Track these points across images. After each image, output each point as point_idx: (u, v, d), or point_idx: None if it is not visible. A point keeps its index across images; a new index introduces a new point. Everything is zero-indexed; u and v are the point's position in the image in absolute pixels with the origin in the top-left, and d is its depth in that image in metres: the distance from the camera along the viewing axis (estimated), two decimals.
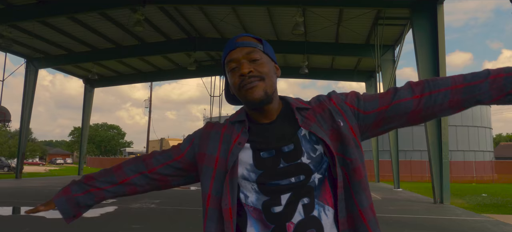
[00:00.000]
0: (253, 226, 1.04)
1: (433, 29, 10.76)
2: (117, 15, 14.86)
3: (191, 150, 1.19)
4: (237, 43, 1.11)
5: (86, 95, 24.07)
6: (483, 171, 29.42)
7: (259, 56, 1.10)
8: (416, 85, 1.12)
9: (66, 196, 1.26)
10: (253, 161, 1.07)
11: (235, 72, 1.10)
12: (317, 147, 1.07)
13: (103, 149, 74.56)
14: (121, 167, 1.26)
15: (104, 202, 10.22)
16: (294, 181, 1.04)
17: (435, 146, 10.97)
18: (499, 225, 7.62)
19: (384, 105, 1.12)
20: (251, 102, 1.09)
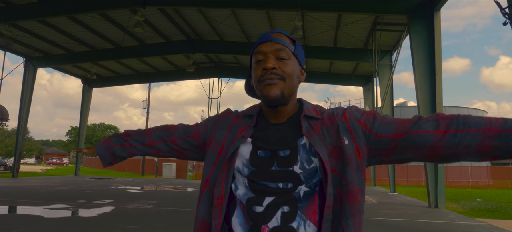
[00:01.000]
0: (238, 216, 1.05)
1: (429, 35, 10.89)
2: (117, 16, 14.93)
3: (205, 132, 1.25)
4: (270, 37, 1.11)
5: (84, 95, 24.09)
6: (479, 176, 29.56)
7: (287, 56, 1.09)
8: (444, 118, 1.01)
9: (106, 145, 1.42)
10: (249, 157, 1.08)
11: (259, 64, 1.10)
12: (313, 160, 1.03)
13: None
14: (151, 132, 1.37)
15: (101, 202, 10.26)
16: (281, 187, 1.02)
17: None
18: (492, 230, 7.72)
19: (399, 132, 1.03)
20: (266, 98, 1.08)
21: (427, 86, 10.89)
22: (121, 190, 14.81)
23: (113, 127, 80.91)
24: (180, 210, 9.50)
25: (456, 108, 35.48)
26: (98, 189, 14.70)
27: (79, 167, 25.08)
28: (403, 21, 13.20)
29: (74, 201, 10.27)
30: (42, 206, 9.05)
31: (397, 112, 32.85)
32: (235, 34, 16.49)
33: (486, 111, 38.63)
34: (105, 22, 15.40)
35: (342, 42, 16.10)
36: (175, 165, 30.09)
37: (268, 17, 14.31)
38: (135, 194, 13.36)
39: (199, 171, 31.00)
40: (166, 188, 17.04)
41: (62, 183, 17.35)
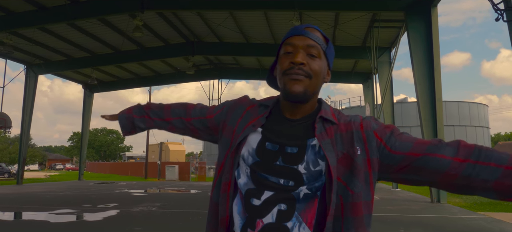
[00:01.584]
0: (237, 205, 1.04)
1: (427, 31, 10.95)
2: (116, 20, 15.03)
3: (219, 115, 1.25)
4: (304, 31, 1.08)
5: (86, 101, 24.20)
6: None
7: (317, 54, 1.07)
8: (465, 146, 0.98)
9: (128, 115, 1.46)
10: (256, 147, 1.06)
11: (288, 56, 1.07)
12: (320, 163, 1.00)
13: (102, 154, 74.60)
14: (170, 108, 1.40)
15: (106, 206, 10.36)
16: (282, 183, 1.00)
17: None
18: (493, 223, 7.79)
19: (416, 152, 1.00)
20: (287, 93, 1.06)
21: (426, 82, 10.96)
22: (125, 193, 14.90)
23: (115, 132, 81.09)
24: (184, 211, 9.58)
25: (456, 102, 35.49)
26: (102, 193, 14.81)
27: (83, 172, 25.19)
28: (400, 18, 13.27)
29: (80, 206, 10.38)
30: (48, 211, 9.15)
31: (398, 108, 32.89)
32: (233, 35, 16.57)
33: (487, 105, 38.62)
34: (104, 28, 15.51)
35: (341, 40, 16.17)
36: (177, 167, 30.20)
37: (266, 18, 14.40)
38: (139, 197, 13.46)
39: (202, 173, 31.11)
40: (169, 190, 17.14)
41: (67, 188, 17.46)
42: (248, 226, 0.99)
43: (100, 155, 74.15)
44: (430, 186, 1.04)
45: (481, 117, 36.83)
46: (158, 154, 35.51)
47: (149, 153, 38.67)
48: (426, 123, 11.10)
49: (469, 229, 7.13)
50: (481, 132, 36.42)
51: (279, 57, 1.11)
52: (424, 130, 11.13)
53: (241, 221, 1.01)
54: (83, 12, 13.46)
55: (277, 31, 15.64)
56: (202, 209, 10.03)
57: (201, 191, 17.06)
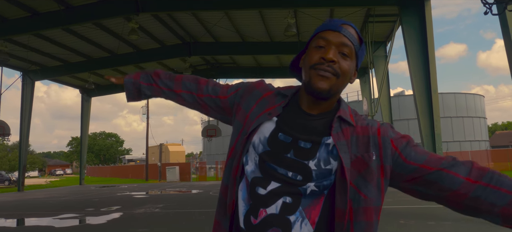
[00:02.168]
0: (242, 190, 1.04)
1: (421, 25, 11.05)
2: (112, 24, 15.08)
3: (233, 97, 1.23)
4: (341, 28, 1.04)
5: (84, 105, 24.25)
6: (479, 160, 29.78)
7: (349, 53, 1.04)
8: (478, 168, 0.99)
9: (134, 80, 1.41)
10: (268, 136, 1.05)
11: (319, 50, 1.04)
12: (332, 162, 0.99)
13: (102, 158, 74.59)
14: (181, 80, 1.36)
15: (109, 209, 10.43)
16: (290, 176, 0.99)
17: (429, 138, 11.25)
18: None
19: (430, 165, 1.00)
20: (311, 87, 1.03)
21: (421, 74, 11.07)
22: (127, 196, 14.99)
23: (114, 135, 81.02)
24: (187, 211, 9.68)
25: (453, 94, 35.68)
26: (105, 196, 14.89)
27: (83, 176, 25.25)
28: (395, 12, 13.37)
29: (83, 210, 10.46)
30: (52, 217, 9.24)
31: (395, 102, 33.04)
32: (229, 35, 16.63)
33: (483, 95, 38.90)
34: (100, 31, 15.54)
35: None
36: (178, 168, 30.28)
37: (261, 16, 14.47)
38: (141, 199, 13.54)
39: (202, 173, 31.21)
40: (171, 191, 17.23)
41: (68, 193, 17.53)
42: (251, 213, 1.00)
43: (100, 159, 74.11)
44: (437, 201, 1.04)
45: (478, 108, 37.04)
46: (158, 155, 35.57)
47: (149, 155, 38.71)
48: (422, 115, 11.22)
49: (467, 217, 7.25)
50: (478, 122, 36.64)
51: (309, 49, 1.08)
52: (421, 123, 11.24)
53: (245, 208, 1.01)
54: (77, 17, 13.50)
55: (273, 29, 15.71)
56: (205, 209, 10.13)
57: (203, 191, 17.16)
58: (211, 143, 36.54)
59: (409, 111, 33.45)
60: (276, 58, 19.76)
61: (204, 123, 46.17)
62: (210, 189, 17.92)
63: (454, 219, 7.05)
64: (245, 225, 1.00)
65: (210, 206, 10.76)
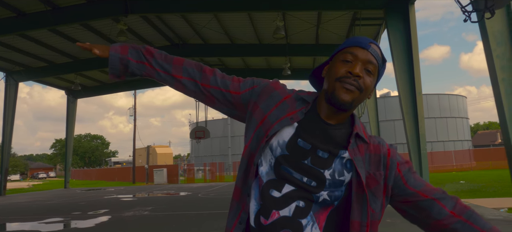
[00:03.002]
0: (255, 189, 1.08)
1: (406, 28, 11.33)
2: (100, 25, 14.98)
3: (248, 94, 1.21)
4: (369, 47, 1.09)
5: (69, 106, 23.94)
6: (462, 160, 30.47)
7: (373, 71, 1.09)
8: (462, 205, 1.12)
9: (122, 56, 1.27)
10: (287, 140, 1.08)
11: (346, 64, 1.08)
12: (345, 175, 1.06)
13: (87, 160, 73.55)
14: (181, 63, 1.27)
15: (96, 212, 10.37)
16: (305, 182, 1.04)
17: (414, 138, 11.52)
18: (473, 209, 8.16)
19: (425, 193, 1.11)
20: (335, 98, 1.07)
21: (406, 76, 11.33)
22: (114, 199, 14.88)
23: (100, 137, 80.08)
24: (177, 214, 9.69)
25: (436, 95, 36.43)
26: (91, 200, 14.75)
27: (68, 179, 24.90)
28: (380, 16, 13.63)
29: (69, 214, 10.37)
30: (37, 221, 9.12)
31: (381, 103, 33.55)
32: (218, 37, 16.70)
33: (466, 96, 39.79)
34: (87, 32, 15.41)
35: (324, 38, 16.48)
36: (166, 170, 30.12)
37: (250, 19, 14.58)
38: (129, 202, 13.47)
39: (191, 175, 31.11)
40: (159, 194, 17.17)
41: (53, 197, 17.29)
42: (261, 214, 1.04)
43: (85, 161, 73.06)
44: (420, 226, 1.16)
45: (461, 108, 37.90)
46: (145, 158, 35.31)
47: (136, 157, 38.39)
48: (407, 116, 11.48)
49: None
50: (461, 122, 37.49)
51: (335, 62, 1.12)
52: (406, 123, 11.50)
53: (256, 207, 1.06)
54: (64, 17, 13.36)
55: (262, 31, 15.83)
56: (194, 211, 10.17)
57: (191, 193, 17.14)
58: (199, 145, 36.45)
59: (394, 112, 34.00)
60: (264, 60, 19.90)
61: (192, 125, 45.98)
62: (198, 191, 17.92)
63: None
64: (255, 224, 1.06)
65: (199, 208, 10.80)
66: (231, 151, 45.58)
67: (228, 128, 46.08)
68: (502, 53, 6.58)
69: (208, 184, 24.78)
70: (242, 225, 1.08)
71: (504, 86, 6.53)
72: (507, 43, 6.57)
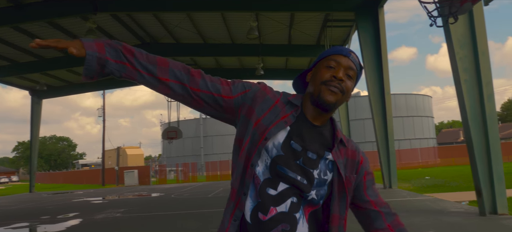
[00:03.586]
0: (251, 189, 1.16)
1: (375, 30, 11.71)
2: (67, 23, 14.53)
3: (240, 98, 1.23)
4: (350, 55, 1.21)
5: (34, 107, 23.05)
6: (427, 157, 31.71)
7: (353, 76, 1.22)
8: (398, 222, 1.30)
9: (100, 55, 1.14)
10: (282, 142, 1.16)
11: (330, 70, 1.19)
12: (328, 174, 1.18)
13: (53, 163, 70.89)
14: (166, 65, 1.21)
15: (67, 216, 10.08)
16: (299, 180, 1.14)
17: (383, 137, 11.95)
18: (436, 202, 8.62)
19: (376, 204, 1.30)
20: (321, 100, 1.18)
21: (376, 77, 11.73)
22: (84, 202, 14.50)
23: (66, 139, 77.38)
24: (151, 214, 9.58)
25: (404, 95, 37.72)
26: (60, 203, 14.30)
27: (34, 183, 23.96)
28: (351, 18, 14.00)
29: (37, 218, 10.02)
30: (3, 227, 8.76)
31: (351, 102, 34.32)
32: (191, 36, 16.58)
33: (431, 96, 41.45)
34: (53, 30, 14.90)
35: (296, 39, 16.72)
36: (137, 172, 29.56)
37: (224, 19, 14.57)
38: (100, 204, 13.17)
39: (163, 176, 30.68)
40: (130, 196, 16.86)
41: (18, 202, 16.61)
42: (259, 210, 1.13)
43: (50, 164, 70.39)
44: (362, 226, 1.35)
45: (426, 108, 39.45)
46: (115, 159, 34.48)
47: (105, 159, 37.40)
48: (377, 115, 11.89)
49: (416, 208, 7.83)
50: (427, 121, 39.01)
51: (319, 67, 1.22)
52: (375, 122, 11.90)
53: (252, 204, 1.15)
54: (29, 15, 12.86)
55: (235, 31, 15.87)
56: (168, 211, 10.09)
57: (164, 194, 16.95)
58: (171, 145, 35.99)
59: (364, 111, 34.90)
60: (237, 59, 19.94)
61: (164, 125, 45.31)
62: (171, 192, 17.74)
63: (407, 211, 7.58)
64: (251, 220, 1.14)
65: (173, 209, 10.72)
66: (204, 151, 45.29)
67: (200, 128, 45.78)
68: (464, 56, 6.95)
69: (181, 185, 24.55)
70: (237, 222, 1.15)
71: (466, 87, 6.90)
72: (469, 46, 6.95)
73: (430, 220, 6.53)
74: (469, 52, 6.96)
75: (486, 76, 6.85)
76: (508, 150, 29.67)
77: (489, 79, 6.88)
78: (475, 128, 6.84)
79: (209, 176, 30.48)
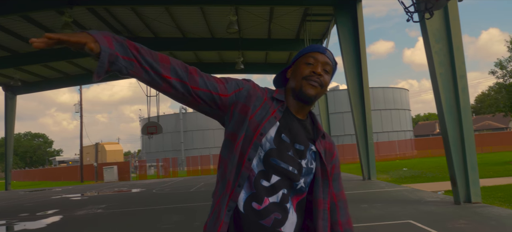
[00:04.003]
0: (243, 178, 1.23)
1: (354, 25, 11.90)
2: (42, 17, 14.14)
3: (235, 96, 1.28)
4: (326, 52, 1.33)
5: (8, 103, 22.41)
6: (405, 149, 32.50)
7: (329, 71, 1.33)
8: (349, 222, 1.42)
9: (111, 50, 1.08)
10: (274, 136, 1.25)
11: (309, 66, 1.30)
12: (313, 164, 1.30)
13: (28, 161, 68.96)
14: (168, 62, 1.19)
15: (46, 213, 9.89)
16: (290, 170, 1.24)
17: (361, 129, 12.21)
18: (413, 192, 8.91)
19: (336, 197, 1.40)
20: (303, 93, 1.28)
21: (354, 71, 11.94)
22: (64, 199, 14.23)
23: (41, 135, 75.34)
24: (132, 210, 9.51)
25: (382, 88, 38.45)
26: (38, 200, 14.00)
27: (10, 181, 23.32)
28: (330, 12, 14.18)
29: (16, 216, 9.80)
30: None
31: (330, 96, 34.80)
32: (170, 30, 16.42)
33: (408, 89, 42.40)
34: (28, 25, 14.48)
35: (276, 33, 16.80)
36: (116, 167, 29.14)
37: (203, 13, 14.50)
38: (80, 201, 12.97)
39: (142, 171, 30.35)
40: (109, 192, 16.64)
41: None
42: (253, 200, 1.21)
43: (25, 161, 68.46)
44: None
45: (403, 101, 40.35)
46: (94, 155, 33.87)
47: (83, 155, 36.68)
48: (355, 108, 12.13)
49: (395, 199, 8.08)
50: (404, 114, 39.92)
51: (299, 64, 1.33)
52: (354, 115, 12.14)
53: (245, 195, 1.22)
54: (1, 8, 12.47)
55: (214, 25, 15.81)
56: (150, 206, 10.03)
57: (145, 189, 16.81)
58: (151, 140, 35.60)
59: (343, 105, 35.43)
60: (217, 54, 19.87)
61: (143, 120, 44.72)
62: (152, 187, 17.61)
63: (384, 201, 7.81)
64: (245, 210, 1.21)
65: (155, 204, 10.67)
66: (184, 146, 44.99)
67: (181, 123, 45.42)
68: (439, 49, 7.17)
69: (162, 180, 24.36)
70: (230, 213, 1.21)
71: (441, 80, 7.13)
72: (444, 40, 7.18)
73: (407, 210, 6.75)
74: (444, 46, 7.18)
75: (460, 70, 7.08)
76: (482, 141, 30.74)
77: (463, 72, 7.12)
78: (450, 120, 7.06)
79: (190, 171, 30.34)
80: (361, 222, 5.94)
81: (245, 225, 1.20)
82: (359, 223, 5.92)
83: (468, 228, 5.06)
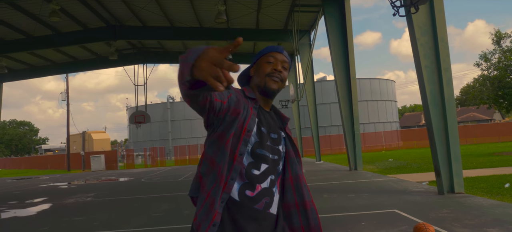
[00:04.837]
0: (235, 171, 1.34)
1: (342, 16, 12.02)
2: (28, 4, 13.88)
3: (229, 100, 1.39)
4: (283, 51, 1.52)
5: None
6: (391, 140, 33.02)
7: (286, 67, 1.52)
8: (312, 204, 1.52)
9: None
10: (256, 130, 1.41)
11: (270, 64, 1.48)
12: (284, 147, 1.49)
13: (14, 149, 67.87)
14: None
15: (36, 200, 9.87)
16: (276, 158, 1.43)
17: (348, 120, 12.41)
18: (399, 182, 9.15)
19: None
20: (268, 88, 1.46)
21: (342, 62, 12.09)
22: (52, 187, 14.17)
23: (27, 123, 74.12)
24: (122, 198, 9.56)
25: (368, 80, 38.83)
26: (26, 188, 13.91)
27: None
28: (318, 3, 14.28)
29: (5, 203, 9.77)
30: None
31: (318, 86, 35.03)
32: (158, 19, 16.31)
33: (394, 80, 42.86)
34: (14, 11, 14.22)
35: (264, 24, 16.84)
36: (103, 156, 28.97)
37: (191, 2, 14.43)
38: (69, 189, 12.94)
39: (130, 161, 30.23)
40: (96, 181, 16.60)
41: None
42: (247, 188, 1.35)
43: (11, 149, 67.37)
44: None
45: (390, 92, 40.83)
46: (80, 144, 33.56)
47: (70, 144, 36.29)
48: (343, 99, 12.31)
49: (380, 189, 8.31)
50: (390, 105, 40.44)
51: (261, 63, 1.51)
52: (342, 106, 12.33)
53: (238, 185, 1.35)
54: None
55: (203, 15, 15.75)
56: (139, 195, 10.10)
57: (134, 178, 16.82)
58: (138, 130, 35.44)
59: (330, 96, 35.72)
60: (205, 44, 19.75)
61: (131, 109, 44.35)
62: (141, 176, 17.63)
63: (370, 191, 8.04)
64: (239, 198, 1.34)
65: (144, 192, 10.74)
66: (172, 136, 44.85)
67: (168, 112, 45.22)
68: (425, 42, 7.34)
69: (150, 169, 24.35)
70: (223, 204, 1.32)
71: (426, 72, 7.31)
72: (429, 33, 7.35)
73: (393, 199, 6.96)
74: (430, 39, 7.34)
75: (445, 62, 7.26)
76: (466, 133, 31.41)
77: (447, 65, 7.30)
78: (434, 112, 7.25)
79: (178, 161, 30.37)
80: (348, 211, 6.13)
81: (241, 212, 1.33)
82: (346, 212, 6.10)
83: (450, 218, 5.24)
